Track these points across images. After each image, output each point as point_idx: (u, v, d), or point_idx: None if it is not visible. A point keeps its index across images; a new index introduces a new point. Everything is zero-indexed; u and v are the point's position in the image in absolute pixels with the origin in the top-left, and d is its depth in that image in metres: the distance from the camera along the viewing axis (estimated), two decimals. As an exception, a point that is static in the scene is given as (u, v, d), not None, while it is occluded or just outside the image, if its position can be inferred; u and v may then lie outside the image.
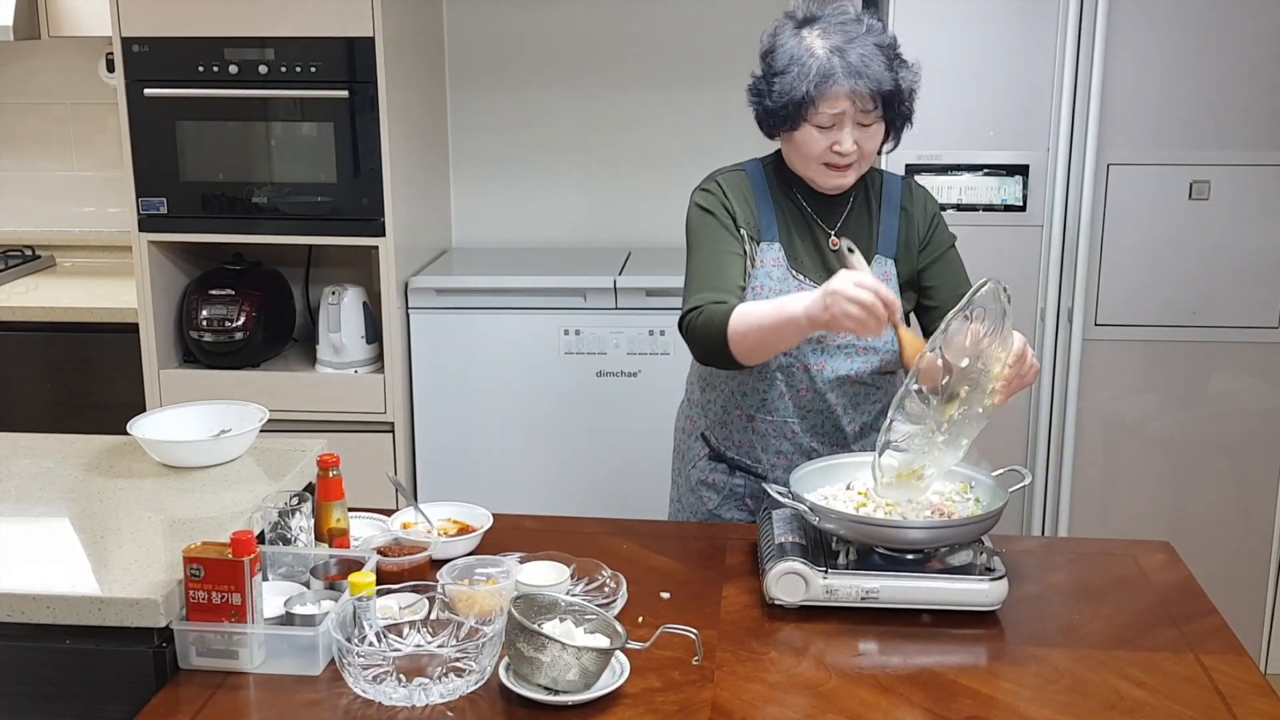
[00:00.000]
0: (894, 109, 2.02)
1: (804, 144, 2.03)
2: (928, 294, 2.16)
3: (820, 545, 1.87)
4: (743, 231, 2.10)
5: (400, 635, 1.67)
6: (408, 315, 3.34)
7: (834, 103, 1.97)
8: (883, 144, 2.08)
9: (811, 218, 2.13)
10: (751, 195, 2.13)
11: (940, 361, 1.73)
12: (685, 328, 2.03)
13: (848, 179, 2.07)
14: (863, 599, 1.81)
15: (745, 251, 2.09)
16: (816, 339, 2.07)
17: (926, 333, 2.18)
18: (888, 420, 1.78)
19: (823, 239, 2.13)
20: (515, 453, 3.36)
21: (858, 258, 1.98)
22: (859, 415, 2.15)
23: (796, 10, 2.05)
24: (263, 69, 3.16)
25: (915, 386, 1.74)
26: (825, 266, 2.10)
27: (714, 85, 3.62)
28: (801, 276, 2.10)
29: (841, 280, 1.80)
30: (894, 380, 2.19)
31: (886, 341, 2.11)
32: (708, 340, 1.98)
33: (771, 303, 1.94)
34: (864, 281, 1.80)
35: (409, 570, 1.84)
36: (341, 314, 3.34)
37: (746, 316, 1.93)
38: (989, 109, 3.01)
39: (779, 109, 2.01)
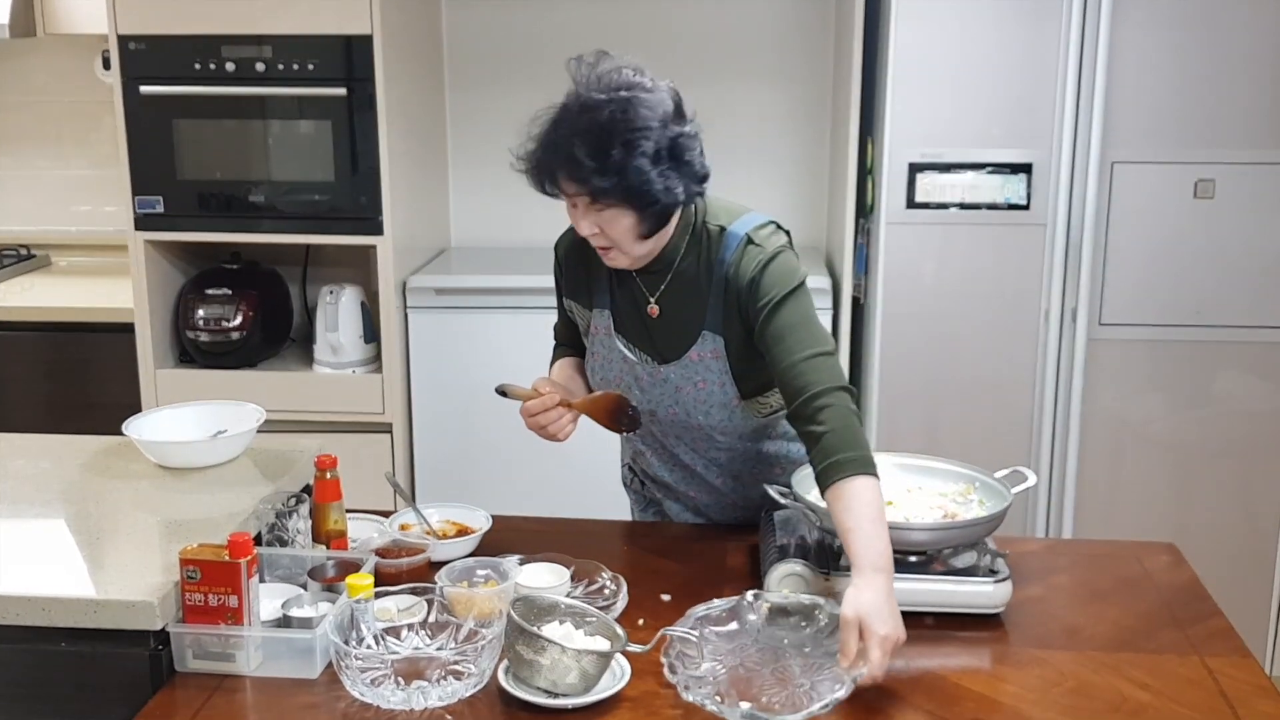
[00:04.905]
0: (627, 196, 1.79)
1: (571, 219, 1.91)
2: (768, 360, 1.89)
3: (821, 546, 1.86)
4: (568, 302, 2.11)
5: (398, 638, 1.67)
6: (406, 315, 3.33)
7: (553, 188, 1.83)
8: (644, 227, 1.84)
9: (636, 284, 1.99)
10: (590, 257, 1.98)
11: None
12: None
13: (615, 260, 1.90)
14: (866, 601, 1.79)
15: (572, 319, 2.13)
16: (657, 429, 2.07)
17: (784, 391, 1.87)
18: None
19: (644, 306, 1.98)
20: (515, 454, 3.34)
21: (511, 390, 1.97)
22: (713, 458, 2.10)
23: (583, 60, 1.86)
24: (260, 67, 3.14)
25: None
26: (647, 333, 2.00)
27: (713, 85, 3.62)
28: (625, 343, 2.01)
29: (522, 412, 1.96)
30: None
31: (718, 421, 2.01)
32: None
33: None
34: (527, 409, 1.95)
35: (407, 572, 1.83)
36: (339, 313, 3.33)
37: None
38: (993, 107, 3.00)
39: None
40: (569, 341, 2.19)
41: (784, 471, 2.06)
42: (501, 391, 1.98)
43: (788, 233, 1.99)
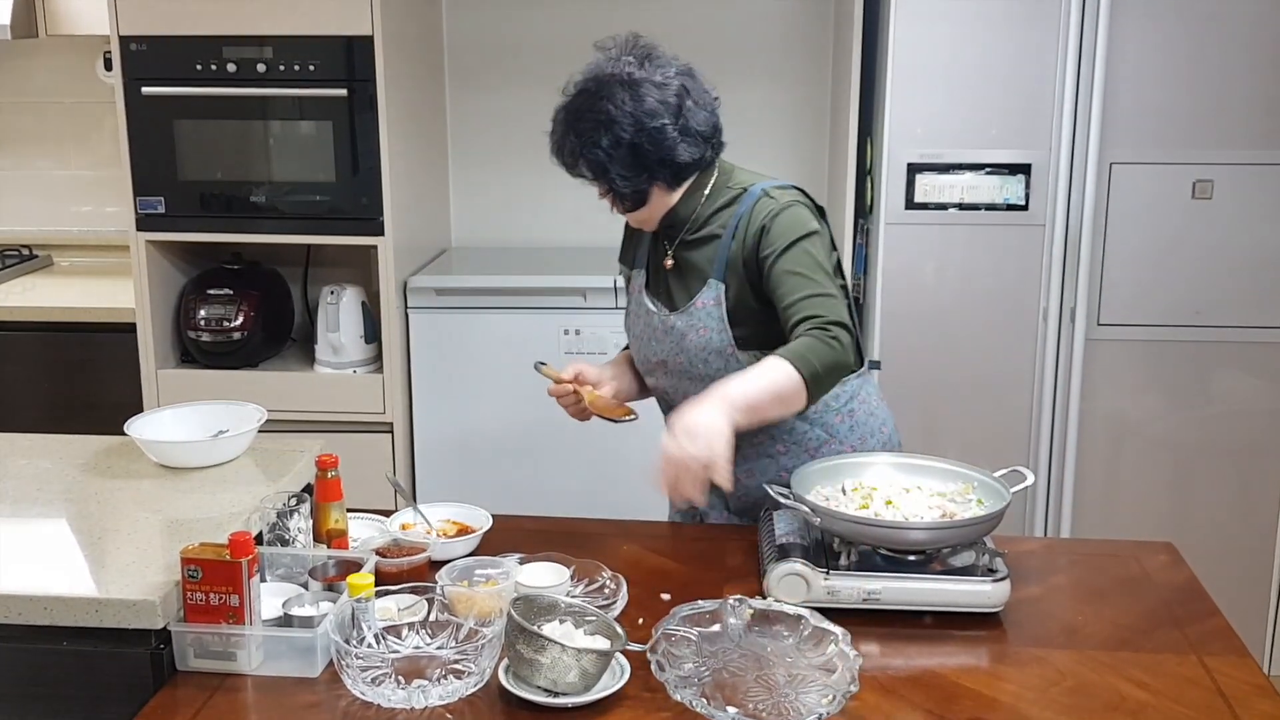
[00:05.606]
0: (593, 176, 2.00)
1: None
2: (775, 304, 1.97)
3: (821, 546, 1.87)
4: (620, 265, 2.25)
5: (399, 637, 1.67)
6: (407, 315, 3.33)
7: None
8: (619, 203, 2.05)
9: (661, 241, 2.12)
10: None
11: None
12: None
13: (625, 215, 2.09)
14: (864, 600, 1.80)
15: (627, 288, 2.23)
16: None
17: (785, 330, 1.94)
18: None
19: (663, 259, 2.11)
20: (515, 453, 3.35)
21: (544, 370, 2.18)
22: None
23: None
24: (261, 67, 3.15)
25: None
26: (665, 286, 2.11)
27: (713, 86, 3.61)
28: (650, 297, 2.13)
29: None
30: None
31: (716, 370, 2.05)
32: None
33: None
34: (550, 389, 2.14)
35: (408, 571, 1.84)
36: (340, 314, 3.33)
37: None
38: (991, 108, 3.01)
39: None
40: None
41: (786, 450, 2.08)
42: (538, 367, 2.19)
43: (821, 207, 2.05)
